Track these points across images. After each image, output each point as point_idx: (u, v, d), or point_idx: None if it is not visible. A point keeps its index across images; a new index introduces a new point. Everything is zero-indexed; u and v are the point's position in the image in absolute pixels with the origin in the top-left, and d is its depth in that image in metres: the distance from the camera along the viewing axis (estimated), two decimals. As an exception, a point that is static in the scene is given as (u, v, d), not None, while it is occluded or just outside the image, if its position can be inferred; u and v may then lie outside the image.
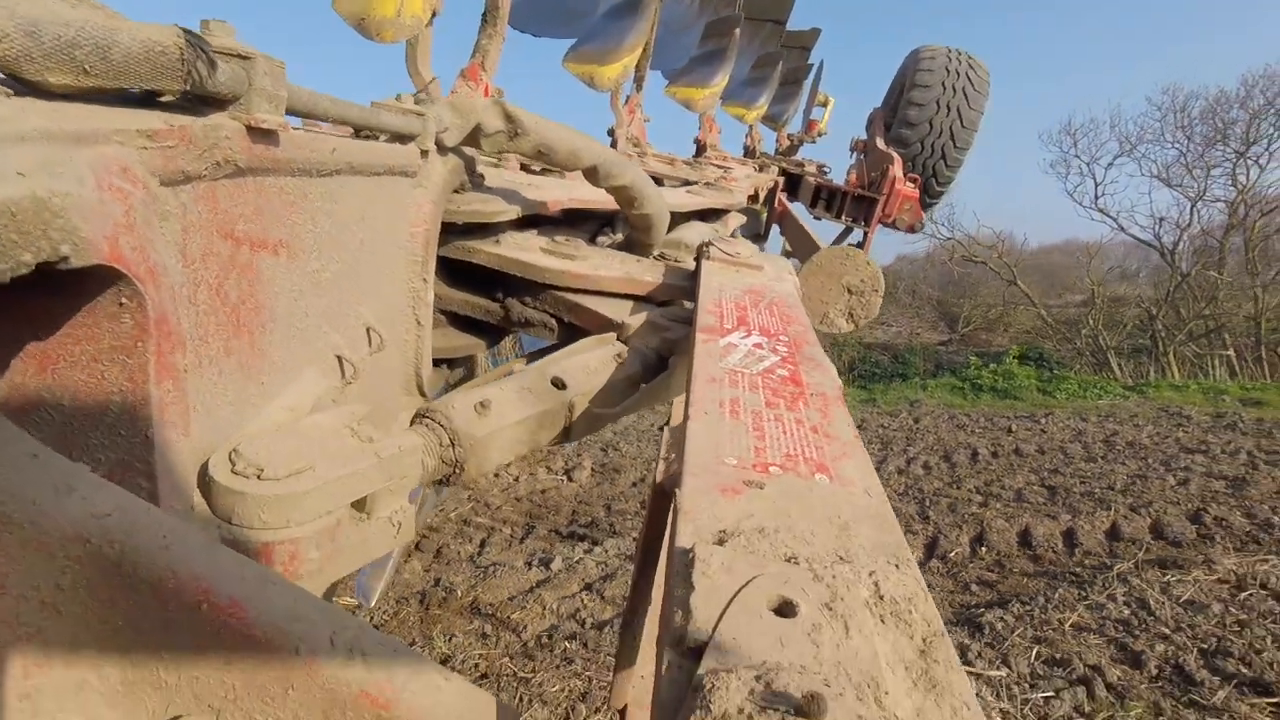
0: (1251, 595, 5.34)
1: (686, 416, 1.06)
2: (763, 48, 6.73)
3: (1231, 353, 18.44)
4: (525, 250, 2.23)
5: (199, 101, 0.87)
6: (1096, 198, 22.98)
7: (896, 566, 0.78)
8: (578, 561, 5.85)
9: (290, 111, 1.05)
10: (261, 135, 0.98)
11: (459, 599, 5.32)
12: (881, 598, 0.73)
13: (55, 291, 0.73)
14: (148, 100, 0.85)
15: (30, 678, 0.63)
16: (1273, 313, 18.87)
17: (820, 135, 9.76)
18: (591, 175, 2.21)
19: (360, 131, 1.46)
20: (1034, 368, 17.67)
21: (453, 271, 2.28)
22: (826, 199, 6.87)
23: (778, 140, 9.22)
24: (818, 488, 0.92)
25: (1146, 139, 22.42)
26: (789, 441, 1.05)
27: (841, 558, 0.77)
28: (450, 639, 4.81)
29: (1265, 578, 5.55)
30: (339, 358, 1.39)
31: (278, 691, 0.63)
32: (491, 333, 2.37)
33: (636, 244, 2.65)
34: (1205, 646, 4.75)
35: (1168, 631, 4.94)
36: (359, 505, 1.13)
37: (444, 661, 4.49)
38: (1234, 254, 20.13)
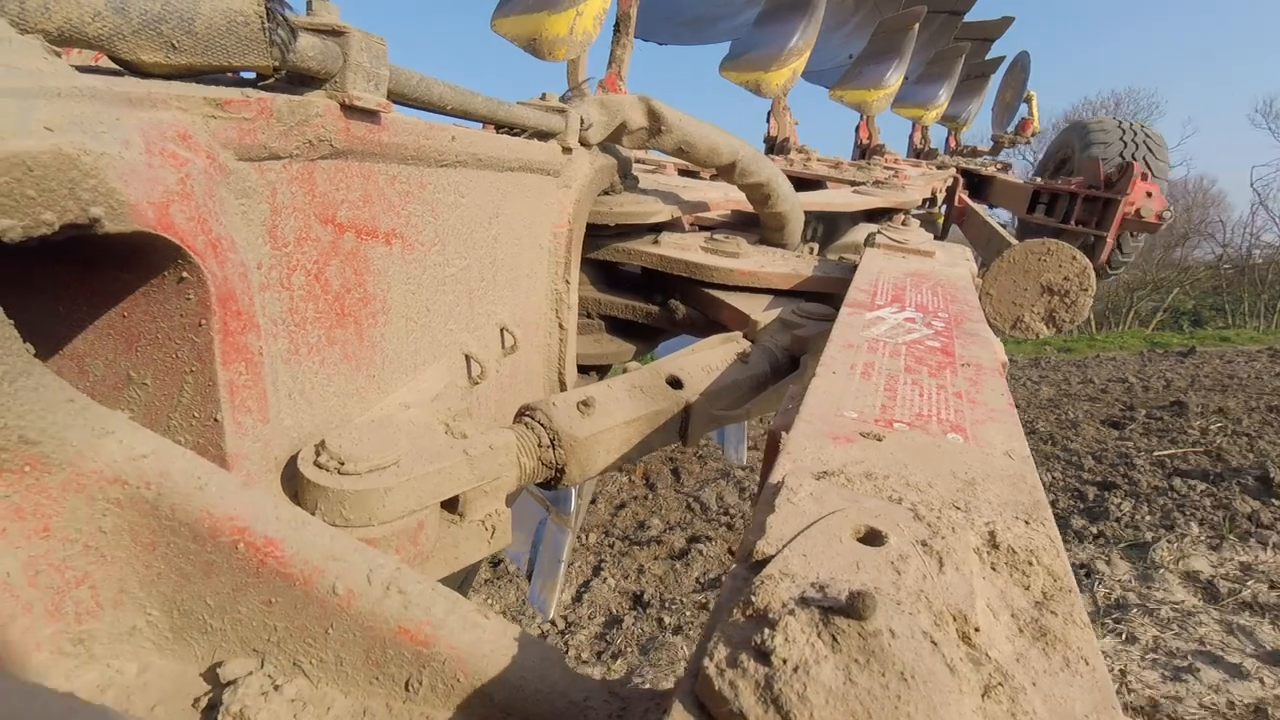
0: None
1: (813, 374, 1.02)
2: (933, 42, 6.27)
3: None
4: (686, 250, 2.21)
5: (296, 82, 0.87)
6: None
7: (1026, 523, 0.70)
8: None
9: (399, 97, 1.03)
10: (359, 115, 0.93)
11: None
12: (996, 546, 0.65)
13: (126, 265, 0.73)
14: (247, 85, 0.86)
15: (82, 623, 0.64)
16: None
17: (1035, 134, 8.89)
18: (728, 172, 2.18)
19: (501, 128, 1.42)
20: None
21: (607, 275, 2.32)
22: (1048, 203, 6.18)
23: (949, 140, 8.56)
24: (947, 445, 0.85)
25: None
26: (924, 403, 0.97)
27: (957, 507, 0.70)
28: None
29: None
30: (467, 356, 1.34)
31: (318, 631, 0.63)
32: (648, 338, 2.37)
33: (769, 244, 2.56)
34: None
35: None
36: (451, 506, 1.07)
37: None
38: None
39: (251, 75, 0.86)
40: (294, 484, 0.92)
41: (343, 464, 0.91)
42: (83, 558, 0.63)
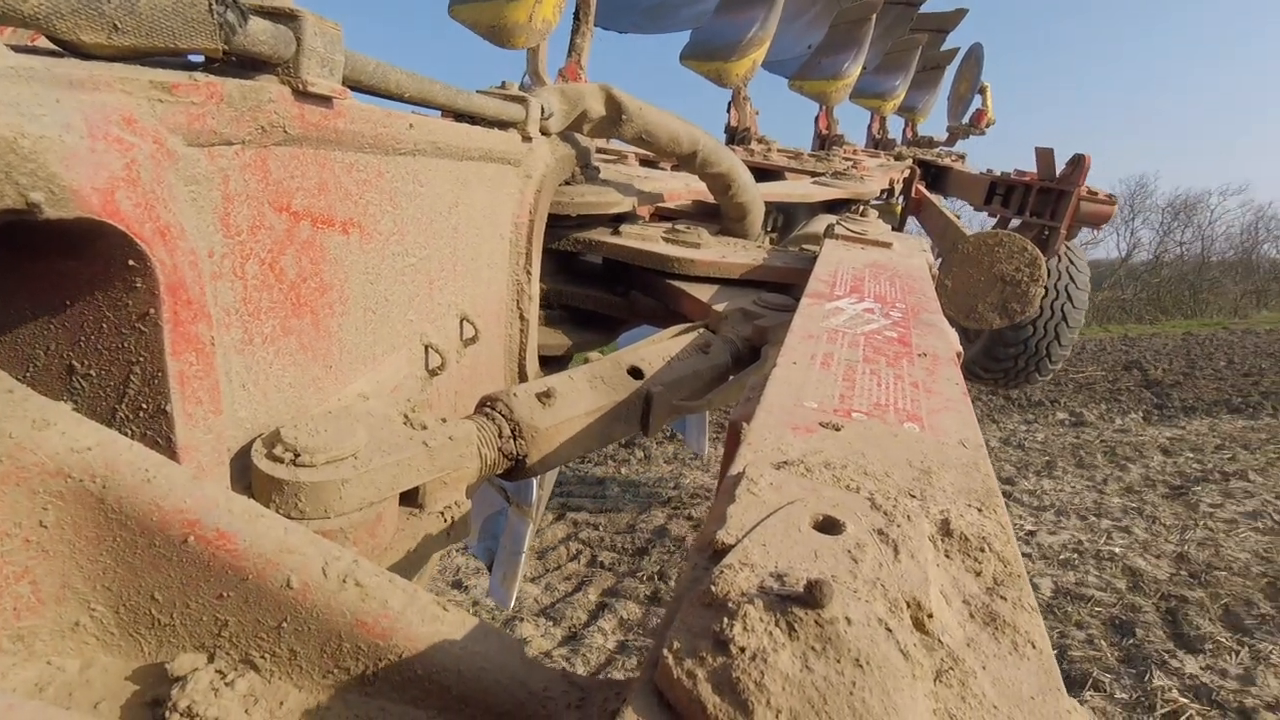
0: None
1: (773, 365, 1.03)
2: (890, 33, 6.35)
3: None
4: (648, 240, 2.20)
5: (247, 66, 0.85)
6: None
7: (979, 510, 0.71)
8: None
9: (356, 84, 1.01)
10: (314, 100, 0.91)
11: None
12: (949, 534, 0.67)
13: (70, 253, 0.71)
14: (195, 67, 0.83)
15: (21, 619, 0.62)
16: None
17: (990, 125, 9.08)
18: (689, 162, 2.17)
19: (462, 116, 1.40)
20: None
21: (568, 266, 2.30)
22: (1004, 195, 6.28)
23: (905, 131, 8.73)
24: (904, 434, 0.86)
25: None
26: (881, 393, 0.99)
27: (913, 495, 0.72)
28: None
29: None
30: (427, 347, 1.33)
31: (271, 625, 0.61)
32: (609, 328, 2.36)
33: (730, 234, 2.56)
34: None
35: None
36: (411, 499, 1.06)
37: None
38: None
39: (201, 59, 0.83)
40: (248, 476, 0.90)
41: (298, 455, 0.89)
42: (22, 552, 0.61)
